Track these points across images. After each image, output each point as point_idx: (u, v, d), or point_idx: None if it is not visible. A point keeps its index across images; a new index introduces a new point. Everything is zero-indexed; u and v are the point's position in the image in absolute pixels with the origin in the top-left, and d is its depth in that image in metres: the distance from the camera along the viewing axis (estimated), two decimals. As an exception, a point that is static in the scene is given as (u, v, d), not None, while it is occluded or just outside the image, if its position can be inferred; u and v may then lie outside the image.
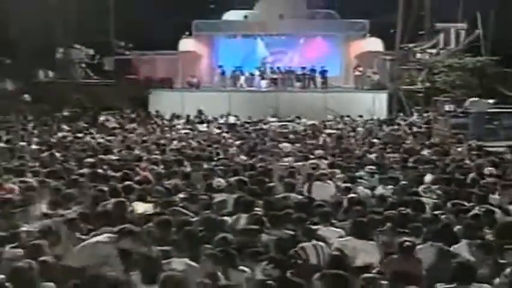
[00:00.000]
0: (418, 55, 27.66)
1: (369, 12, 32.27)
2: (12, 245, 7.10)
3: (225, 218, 8.60)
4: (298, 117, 25.78)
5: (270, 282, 5.81)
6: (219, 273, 6.21)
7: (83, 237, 7.81)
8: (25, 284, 5.81)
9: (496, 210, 9.28)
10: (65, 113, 24.59)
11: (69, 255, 6.69)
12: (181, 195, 10.05)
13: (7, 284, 5.73)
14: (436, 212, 9.01)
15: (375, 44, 33.25)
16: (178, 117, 26.48)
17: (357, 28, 34.14)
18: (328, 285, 5.38)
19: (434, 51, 27.28)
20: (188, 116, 26.49)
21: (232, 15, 35.76)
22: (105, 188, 10.02)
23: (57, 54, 29.19)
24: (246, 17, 35.44)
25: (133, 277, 6.26)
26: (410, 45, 28.30)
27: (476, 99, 20.33)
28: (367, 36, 33.86)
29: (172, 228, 7.73)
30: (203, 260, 6.46)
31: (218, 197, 9.94)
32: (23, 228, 7.82)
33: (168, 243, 7.19)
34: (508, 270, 6.16)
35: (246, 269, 6.49)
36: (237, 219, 8.56)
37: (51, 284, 6.06)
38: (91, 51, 30.23)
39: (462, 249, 7.17)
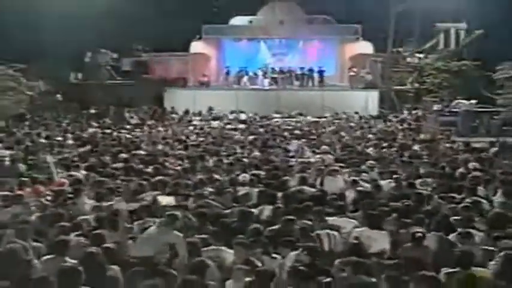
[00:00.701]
0: (408, 59, 27.91)
1: (361, 18, 32.47)
2: (76, 233, 7.44)
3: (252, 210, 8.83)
4: (301, 114, 26.04)
5: (302, 268, 6.01)
6: (255, 260, 6.56)
7: (130, 225, 8.24)
8: (95, 267, 6.09)
9: (483, 201, 9.69)
10: (92, 111, 24.98)
11: (133, 245, 7.06)
12: (209, 189, 10.34)
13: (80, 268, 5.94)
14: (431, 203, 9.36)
15: (366, 47, 33.51)
16: (194, 113, 26.65)
17: (350, 32, 34.37)
18: (355, 270, 5.78)
19: (422, 55, 27.50)
20: (200, 112, 26.80)
21: (238, 21, 36.02)
22: (144, 182, 10.38)
23: (85, 58, 29.55)
24: (250, 22, 35.71)
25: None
26: (400, 49, 28.56)
27: (464, 101, 20.73)
28: (359, 39, 34.11)
29: (207, 220, 8.08)
30: (238, 248, 6.77)
31: (242, 190, 10.11)
32: (81, 218, 8.17)
33: (205, 233, 7.49)
34: (501, 253, 6.40)
35: (278, 256, 6.82)
36: (261, 210, 8.82)
37: (116, 267, 6.38)
38: (115, 55, 30.54)
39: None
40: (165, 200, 9.41)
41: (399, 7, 27.48)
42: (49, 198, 9.38)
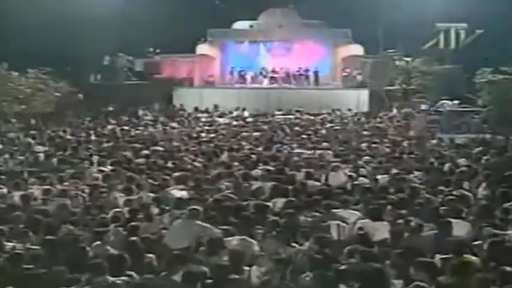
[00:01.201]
0: (396, 62, 28.11)
1: (353, 22, 32.61)
2: (115, 224, 7.73)
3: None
4: (299, 111, 26.26)
5: (315, 256, 6.31)
6: (278, 249, 6.88)
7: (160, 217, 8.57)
8: (140, 255, 6.43)
9: (469, 194, 10.02)
10: (110, 108, 25.29)
11: (168, 236, 7.37)
12: (225, 183, 10.62)
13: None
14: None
15: (357, 49, 33.71)
16: (202, 111, 26.82)
17: (342, 35, 34.47)
18: (363, 258, 6.13)
19: (409, 59, 27.71)
20: (207, 109, 27.04)
21: (240, 25, 36.21)
22: (167, 177, 10.66)
23: (104, 61, 29.88)
24: (251, 26, 35.88)
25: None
26: (390, 51, 28.76)
27: (448, 101, 21.16)
28: (351, 42, 34.28)
29: (229, 212, 8.37)
30: (263, 239, 7.06)
31: (255, 185, 10.32)
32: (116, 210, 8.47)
33: (227, 224, 7.74)
34: (488, 240, 6.73)
35: (296, 245, 7.13)
36: (274, 203, 9.06)
37: (152, 255, 6.71)
38: (130, 58, 30.80)
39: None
40: (178, 193, 9.59)
41: (388, 13, 27.68)
42: (86, 191, 9.65)
